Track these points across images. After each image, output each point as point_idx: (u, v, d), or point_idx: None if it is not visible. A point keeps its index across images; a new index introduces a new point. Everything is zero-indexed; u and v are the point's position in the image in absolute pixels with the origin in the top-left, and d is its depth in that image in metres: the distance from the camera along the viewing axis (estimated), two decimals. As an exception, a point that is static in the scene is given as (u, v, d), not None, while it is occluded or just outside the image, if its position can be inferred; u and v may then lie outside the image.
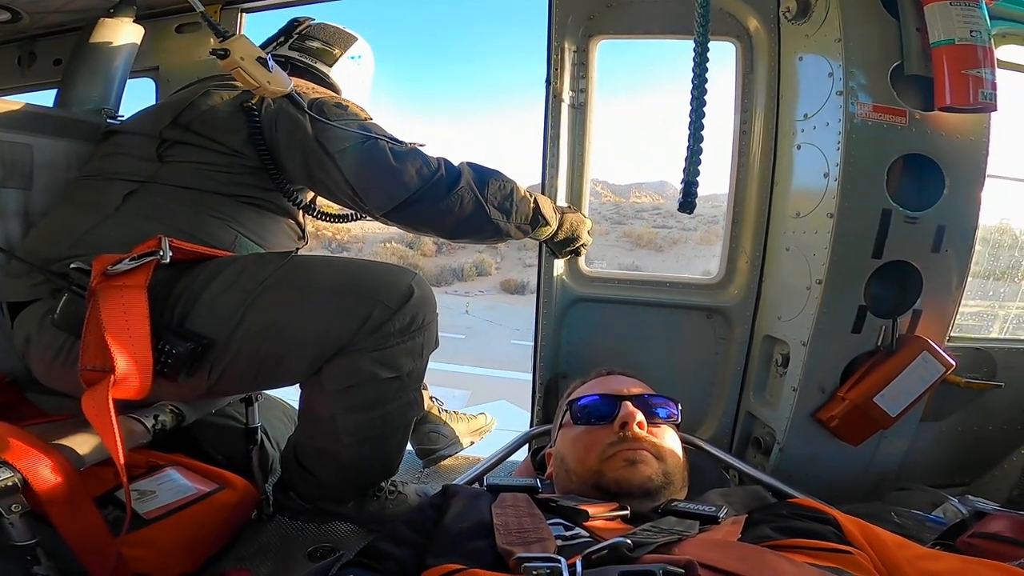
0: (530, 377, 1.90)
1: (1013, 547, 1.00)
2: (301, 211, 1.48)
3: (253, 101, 1.30)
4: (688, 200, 1.22)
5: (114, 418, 0.90)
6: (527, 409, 1.90)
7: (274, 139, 1.30)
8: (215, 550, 1.26)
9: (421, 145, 1.38)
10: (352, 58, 1.61)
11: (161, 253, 1.03)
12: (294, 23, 1.58)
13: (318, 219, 1.56)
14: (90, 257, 1.03)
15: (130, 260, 1.01)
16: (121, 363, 0.95)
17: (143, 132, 1.30)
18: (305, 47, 1.54)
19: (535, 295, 1.85)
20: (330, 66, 1.57)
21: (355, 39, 1.62)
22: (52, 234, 1.19)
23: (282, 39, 1.56)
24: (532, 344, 1.87)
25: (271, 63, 1.18)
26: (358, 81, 1.64)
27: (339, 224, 1.63)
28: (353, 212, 1.50)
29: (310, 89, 1.39)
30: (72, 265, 1.06)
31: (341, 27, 1.62)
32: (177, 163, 1.27)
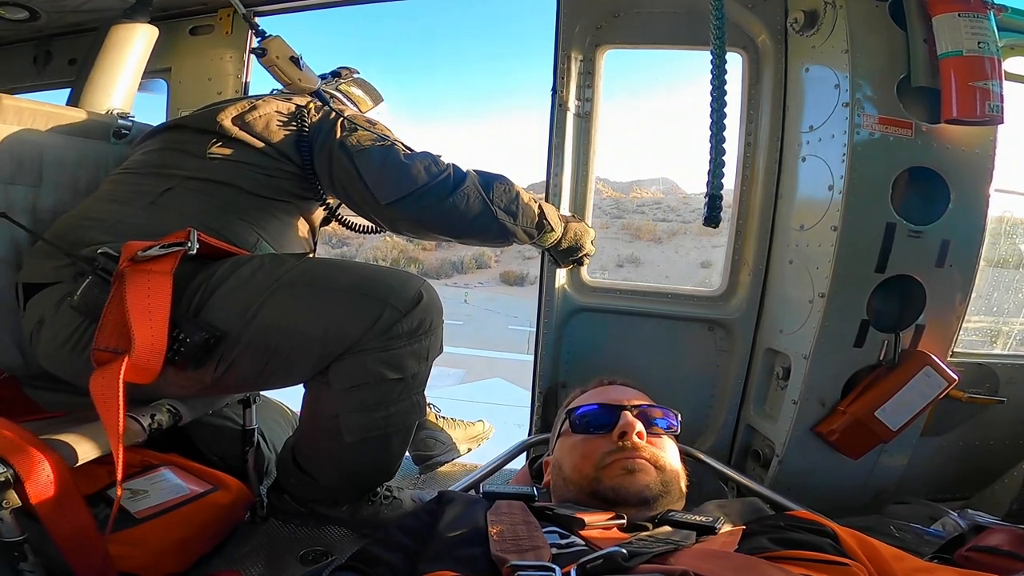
0: (524, 357, 1.89)
1: (1011, 560, 0.98)
2: (319, 222, 1.57)
3: (306, 106, 1.42)
4: (713, 215, 1.19)
5: (121, 398, 0.90)
6: (519, 385, 1.90)
7: (312, 143, 1.40)
8: (206, 551, 1.25)
9: (437, 156, 1.45)
10: (378, 113, 1.83)
11: (189, 244, 1.07)
12: (344, 69, 1.82)
13: (341, 225, 1.65)
14: (118, 243, 1.06)
15: (159, 248, 1.04)
16: (137, 344, 0.96)
17: (200, 127, 1.36)
18: (350, 92, 1.77)
19: (537, 285, 1.86)
20: (363, 113, 1.75)
21: (382, 98, 1.88)
22: (83, 220, 1.22)
23: (330, 78, 1.75)
24: (527, 328, 1.87)
25: (303, 63, 1.32)
26: None
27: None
28: (371, 225, 1.59)
29: (346, 108, 1.55)
30: (100, 250, 1.08)
31: (374, 86, 1.88)
32: (223, 160, 1.32)
